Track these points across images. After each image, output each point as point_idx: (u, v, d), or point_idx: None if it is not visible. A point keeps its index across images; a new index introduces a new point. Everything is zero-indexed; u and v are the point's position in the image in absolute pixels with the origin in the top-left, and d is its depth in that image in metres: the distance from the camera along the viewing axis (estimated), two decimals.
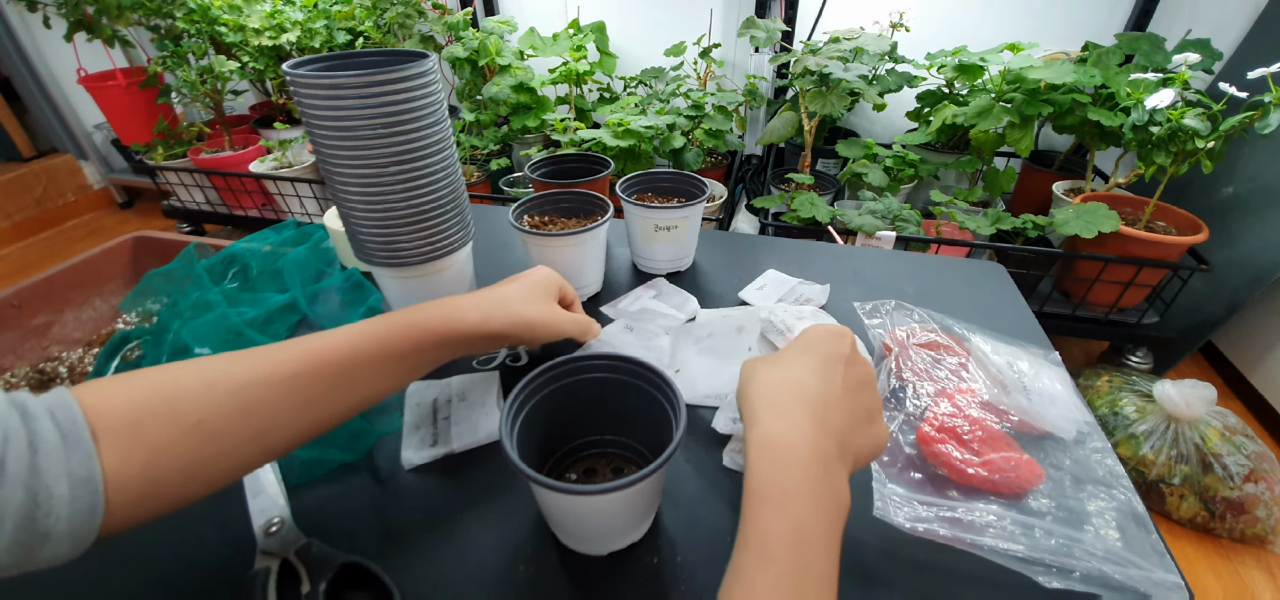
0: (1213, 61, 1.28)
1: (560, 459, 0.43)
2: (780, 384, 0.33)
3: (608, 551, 0.38)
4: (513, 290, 0.45)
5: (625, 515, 0.37)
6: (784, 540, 0.27)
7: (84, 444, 0.27)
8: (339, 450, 0.44)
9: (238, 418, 0.32)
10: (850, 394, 0.34)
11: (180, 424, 0.30)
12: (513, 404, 0.36)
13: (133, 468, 0.28)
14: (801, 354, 0.35)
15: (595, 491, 0.31)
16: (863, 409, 0.35)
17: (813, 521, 0.28)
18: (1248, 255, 1.20)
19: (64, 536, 0.25)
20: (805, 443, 0.30)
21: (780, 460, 0.29)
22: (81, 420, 0.27)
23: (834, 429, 0.32)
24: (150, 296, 0.68)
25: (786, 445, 0.30)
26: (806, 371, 0.34)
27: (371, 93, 0.43)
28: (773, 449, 0.30)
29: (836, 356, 0.35)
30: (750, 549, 0.27)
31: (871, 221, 1.24)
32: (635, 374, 0.39)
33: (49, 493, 0.25)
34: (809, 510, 0.28)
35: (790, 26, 1.65)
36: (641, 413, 0.39)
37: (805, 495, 0.28)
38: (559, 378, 0.39)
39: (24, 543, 0.24)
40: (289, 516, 0.39)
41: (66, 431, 0.26)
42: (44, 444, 0.25)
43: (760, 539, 0.27)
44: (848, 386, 0.34)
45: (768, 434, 0.31)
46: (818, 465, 0.29)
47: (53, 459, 0.25)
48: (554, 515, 0.37)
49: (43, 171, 2.14)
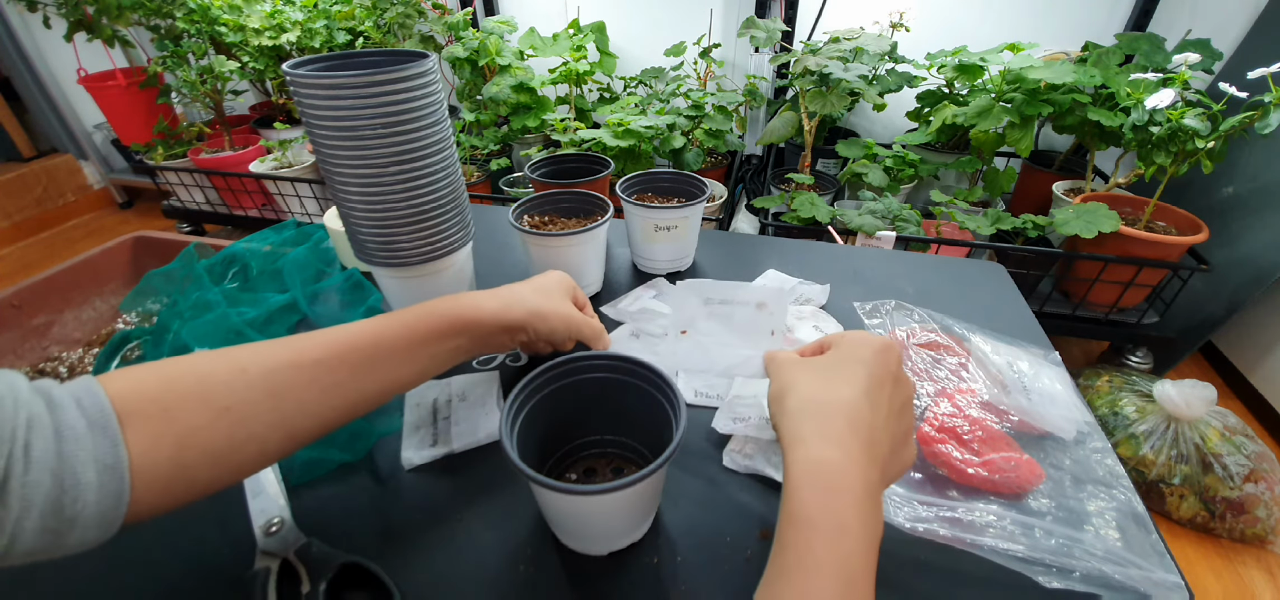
0: (1213, 61, 1.28)
1: (560, 459, 0.43)
2: (831, 405, 0.31)
3: (608, 551, 0.38)
4: (527, 287, 0.46)
5: (625, 515, 0.37)
6: (832, 574, 0.26)
7: (111, 430, 0.27)
8: (339, 450, 0.44)
9: (267, 402, 0.32)
10: (895, 417, 0.33)
11: (211, 407, 0.30)
12: (513, 404, 0.36)
13: (163, 453, 0.28)
14: (849, 366, 0.33)
15: (595, 491, 0.31)
16: (903, 431, 0.33)
17: (860, 556, 0.27)
18: (1248, 255, 1.20)
19: (92, 522, 0.26)
20: (858, 474, 0.28)
21: (833, 490, 0.28)
22: (108, 407, 0.27)
23: (881, 457, 0.31)
24: (150, 296, 0.68)
25: (841, 476, 0.28)
26: (858, 392, 0.31)
27: (371, 93, 0.43)
28: (825, 480, 0.28)
29: (886, 375, 0.33)
30: (793, 581, 0.26)
31: (871, 221, 1.24)
32: (635, 374, 0.39)
33: (76, 479, 0.25)
34: (857, 545, 0.27)
35: (790, 26, 1.65)
36: (641, 413, 0.39)
37: (855, 530, 0.27)
38: (559, 378, 0.40)
39: (52, 529, 0.25)
40: (289, 516, 0.39)
41: (93, 418, 0.27)
42: (70, 431, 0.26)
43: (805, 571, 0.26)
44: (893, 409, 0.33)
45: (818, 461, 0.29)
46: (868, 499, 0.28)
47: (79, 445, 0.26)
48: (554, 515, 0.37)
49: (43, 171, 2.14)
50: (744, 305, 0.53)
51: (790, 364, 0.35)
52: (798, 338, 0.53)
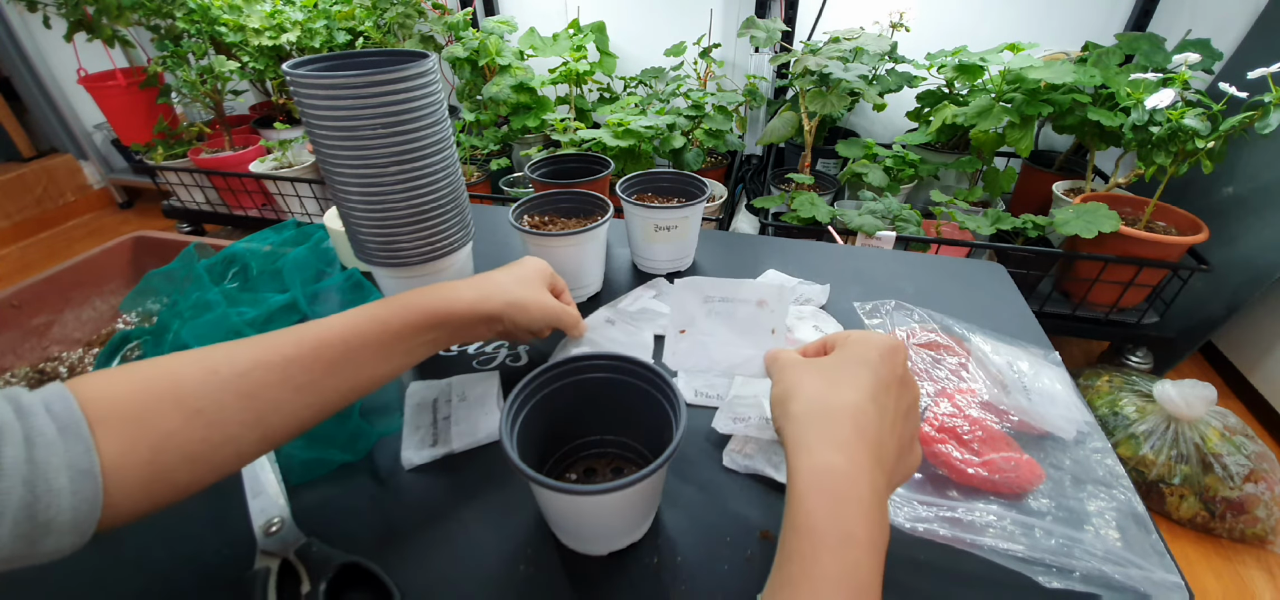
0: (1213, 61, 1.28)
1: (560, 459, 0.43)
2: (837, 410, 0.30)
3: (608, 551, 0.38)
4: (505, 275, 0.46)
5: (625, 515, 0.37)
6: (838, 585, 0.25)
7: (83, 436, 0.27)
8: (339, 450, 0.44)
9: (239, 402, 0.32)
10: (901, 420, 0.32)
11: (184, 410, 0.30)
12: (513, 404, 0.36)
13: (139, 456, 0.28)
14: (854, 368, 0.32)
15: (595, 492, 0.31)
16: (909, 435, 0.33)
17: (868, 565, 0.26)
18: (1248, 255, 1.20)
19: (67, 528, 0.26)
20: (866, 482, 0.28)
21: (840, 499, 0.27)
22: (78, 412, 0.27)
23: (887, 462, 0.30)
24: (150, 296, 0.67)
25: (849, 485, 0.27)
26: (864, 396, 0.30)
27: (372, 93, 0.43)
28: (831, 488, 0.27)
29: (892, 378, 0.32)
30: (799, 592, 0.25)
31: (871, 221, 1.24)
32: (635, 374, 0.39)
33: (48, 485, 0.25)
34: (864, 554, 0.26)
35: (790, 26, 1.65)
36: (642, 413, 0.39)
37: (863, 539, 0.26)
38: (559, 377, 0.40)
39: (26, 535, 0.24)
40: (289, 516, 0.39)
41: (63, 424, 0.26)
42: (41, 438, 0.25)
43: (811, 582, 0.25)
44: (900, 412, 0.32)
45: (824, 468, 0.28)
46: (875, 507, 0.27)
47: (51, 451, 0.25)
48: (554, 516, 0.37)
49: (43, 171, 2.14)
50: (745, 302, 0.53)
51: (794, 365, 0.34)
52: (798, 338, 0.53)
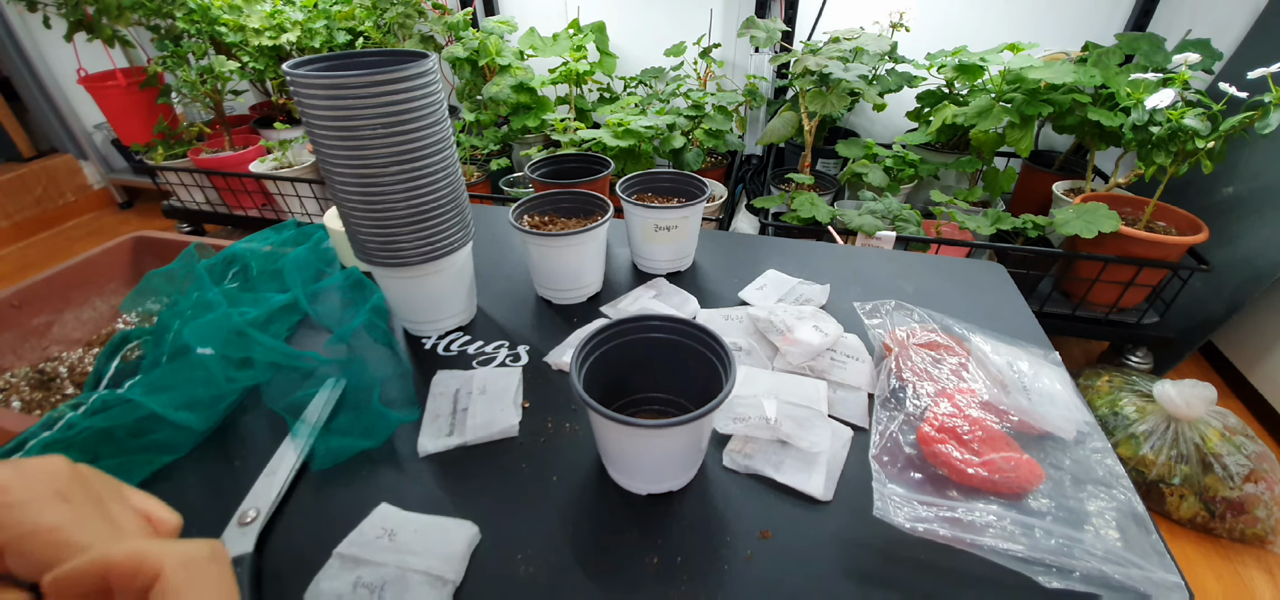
0: (1213, 61, 1.28)
1: (619, 409, 0.45)
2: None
3: (648, 491, 0.41)
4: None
5: (676, 455, 0.40)
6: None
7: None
8: (360, 437, 0.46)
9: None
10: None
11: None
12: (581, 352, 0.41)
13: None
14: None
15: (653, 427, 0.35)
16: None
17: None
18: (1248, 255, 1.20)
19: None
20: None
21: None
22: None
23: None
24: (150, 296, 0.68)
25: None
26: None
27: (372, 93, 0.43)
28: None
29: None
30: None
31: (871, 221, 1.24)
32: (690, 335, 0.44)
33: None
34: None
35: (790, 26, 1.65)
36: (694, 370, 0.43)
37: None
38: (625, 333, 0.44)
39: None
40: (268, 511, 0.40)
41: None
42: None
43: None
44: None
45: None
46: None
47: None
48: (611, 450, 0.41)
49: (43, 171, 2.14)
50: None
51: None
52: (798, 338, 0.53)
